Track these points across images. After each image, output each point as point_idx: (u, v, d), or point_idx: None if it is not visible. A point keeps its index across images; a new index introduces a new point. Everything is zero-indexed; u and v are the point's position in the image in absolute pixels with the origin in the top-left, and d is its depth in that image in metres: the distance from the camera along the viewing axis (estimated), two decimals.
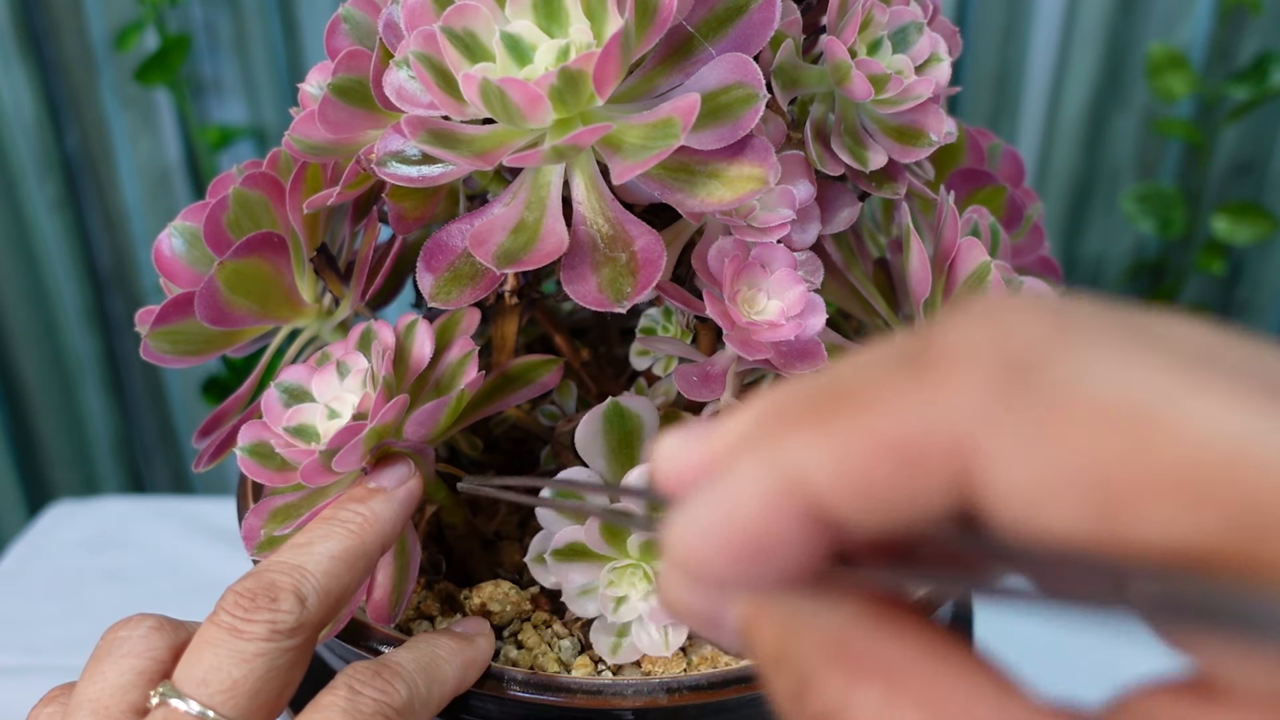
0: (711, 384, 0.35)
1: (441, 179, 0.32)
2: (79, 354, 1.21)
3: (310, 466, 0.34)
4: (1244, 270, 1.19)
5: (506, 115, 0.30)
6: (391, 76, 0.32)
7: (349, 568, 0.32)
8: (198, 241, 0.38)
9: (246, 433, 0.36)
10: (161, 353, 0.38)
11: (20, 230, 1.14)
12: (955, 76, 1.11)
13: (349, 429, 0.33)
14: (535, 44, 0.31)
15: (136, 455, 1.30)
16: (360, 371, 0.35)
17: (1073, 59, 1.10)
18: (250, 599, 0.30)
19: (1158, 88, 1.04)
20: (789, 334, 0.34)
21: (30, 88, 1.08)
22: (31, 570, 0.76)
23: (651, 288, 0.31)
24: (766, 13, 0.32)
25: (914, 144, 0.36)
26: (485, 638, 0.35)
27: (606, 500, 0.36)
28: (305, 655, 0.31)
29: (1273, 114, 1.11)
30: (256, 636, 0.29)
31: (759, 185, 0.31)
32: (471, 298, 0.33)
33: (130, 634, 0.31)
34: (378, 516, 0.33)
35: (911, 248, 0.35)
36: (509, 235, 0.32)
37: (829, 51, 0.34)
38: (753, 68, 0.31)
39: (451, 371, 0.37)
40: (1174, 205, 1.08)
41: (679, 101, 0.30)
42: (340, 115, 0.35)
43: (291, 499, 0.37)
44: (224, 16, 1.10)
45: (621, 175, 0.30)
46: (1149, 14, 1.08)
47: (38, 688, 0.66)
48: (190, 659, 0.29)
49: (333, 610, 0.32)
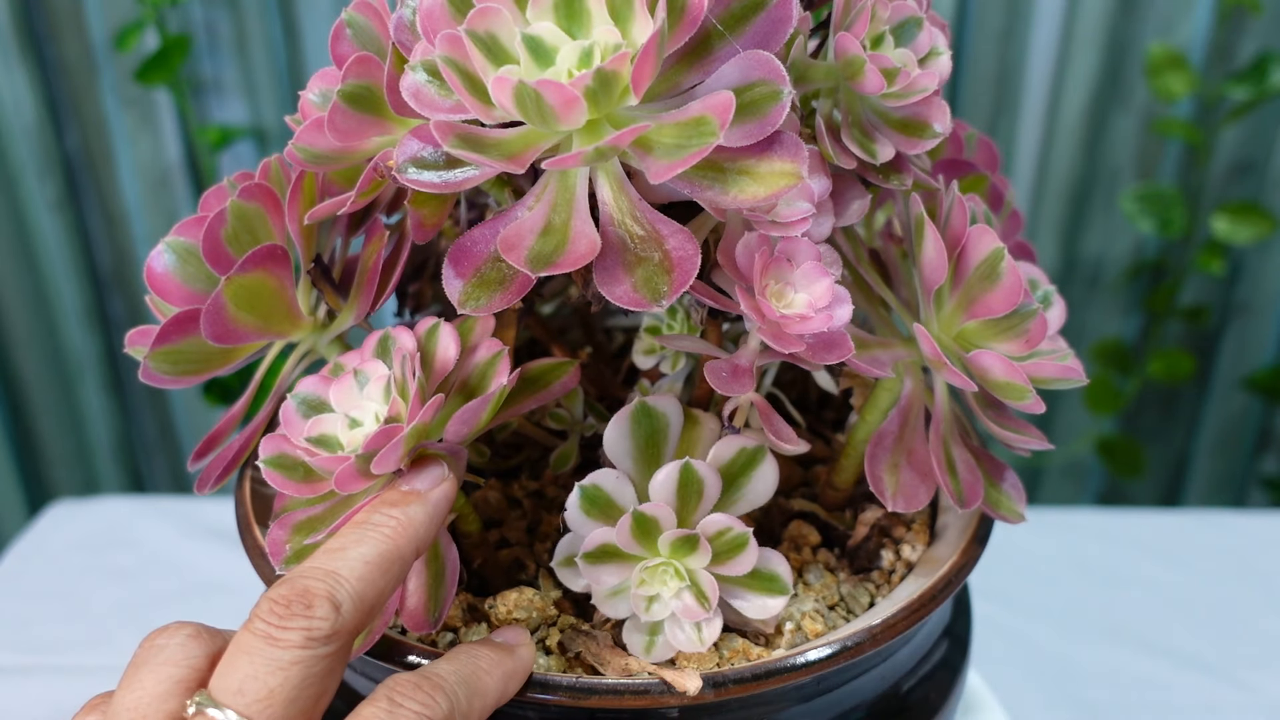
0: (741, 378, 0.35)
1: (465, 184, 0.32)
2: (79, 354, 1.21)
3: (346, 472, 0.33)
4: (1244, 270, 1.19)
5: (540, 117, 0.30)
6: (407, 80, 0.32)
7: (383, 572, 0.31)
8: (191, 257, 0.37)
9: (268, 445, 0.36)
10: (161, 373, 0.37)
11: (20, 230, 1.14)
12: (955, 76, 1.11)
13: (385, 431, 0.33)
14: (557, 46, 0.31)
15: (136, 455, 1.30)
16: (381, 378, 0.35)
17: (1073, 59, 1.10)
18: (285, 606, 0.29)
19: (1157, 88, 1.04)
20: (820, 326, 0.34)
21: (30, 88, 1.08)
22: (31, 570, 0.76)
23: (688, 286, 0.31)
24: (784, 10, 0.32)
25: (919, 136, 0.37)
26: (526, 647, 0.35)
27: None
28: (341, 663, 0.30)
29: (1272, 114, 1.11)
30: (292, 644, 0.29)
31: (794, 180, 0.31)
32: (502, 303, 0.33)
33: (168, 642, 0.31)
34: (412, 520, 0.33)
35: (927, 236, 0.36)
36: (538, 238, 0.32)
37: (840, 47, 0.35)
38: (775, 65, 0.31)
39: (480, 372, 0.36)
40: (1174, 205, 1.08)
41: (710, 100, 0.30)
42: (349, 122, 0.34)
43: (317, 511, 0.36)
44: (224, 16, 1.10)
45: (659, 175, 0.30)
46: (1149, 14, 1.08)
47: (38, 688, 0.66)
48: (226, 667, 0.29)
49: (368, 616, 0.31)
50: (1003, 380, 0.36)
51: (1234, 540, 0.80)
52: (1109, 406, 1.17)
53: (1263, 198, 1.15)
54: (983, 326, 0.37)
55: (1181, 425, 1.29)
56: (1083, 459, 1.29)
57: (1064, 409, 1.27)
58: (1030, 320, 0.36)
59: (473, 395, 0.36)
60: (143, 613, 0.71)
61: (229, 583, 0.72)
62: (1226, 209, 1.08)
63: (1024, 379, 0.35)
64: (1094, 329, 1.22)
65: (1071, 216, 1.17)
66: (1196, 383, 1.26)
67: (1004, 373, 0.36)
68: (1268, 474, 1.29)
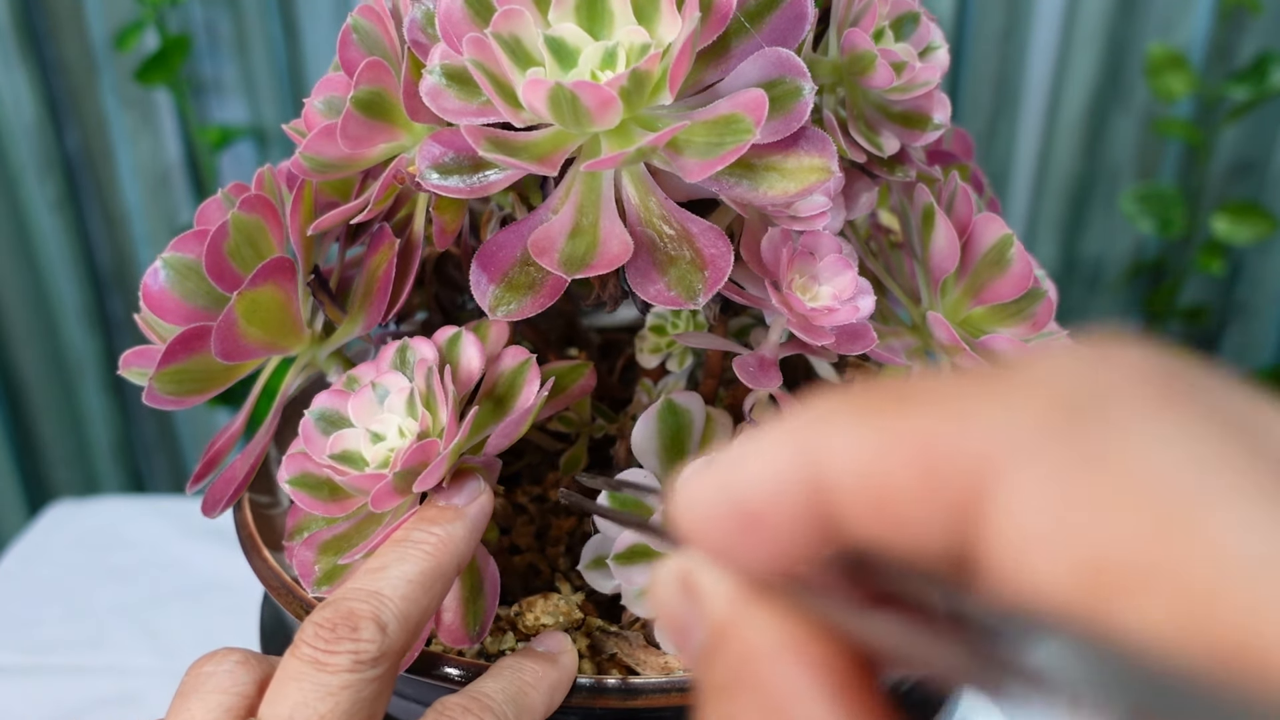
0: (769, 371, 0.36)
1: (491, 188, 0.32)
2: (79, 354, 1.21)
3: (383, 490, 0.32)
4: (1244, 270, 1.19)
5: (574, 119, 0.30)
6: (425, 84, 0.32)
7: (426, 591, 0.31)
8: (191, 273, 0.36)
9: (291, 465, 0.35)
10: (167, 395, 0.35)
11: (20, 230, 1.14)
12: (955, 76, 1.11)
13: (423, 447, 0.32)
14: (579, 47, 0.31)
15: (136, 455, 1.30)
16: (403, 390, 0.34)
17: (1073, 59, 1.10)
18: (330, 629, 0.29)
19: (1157, 88, 1.04)
20: (848, 317, 0.34)
21: (31, 88, 1.08)
22: (31, 570, 0.76)
23: (723, 283, 0.31)
24: (801, 6, 0.32)
25: (921, 128, 0.37)
26: (569, 654, 0.35)
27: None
28: (389, 686, 0.30)
29: (1272, 114, 1.11)
30: (340, 668, 0.28)
31: (825, 176, 0.31)
32: (534, 307, 0.32)
33: (216, 669, 0.30)
34: (452, 536, 0.32)
35: (938, 225, 0.36)
36: (568, 240, 0.32)
37: (850, 42, 0.35)
38: (797, 62, 0.31)
39: (508, 380, 0.36)
40: (1174, 205, 1.08)
41: (740, 98, 0.31)
42: (361, 129, 0.34)
43: (341, 529, 0.35)
44: (224, 16, 1.10)
45: (693, 174, 0.30)
46: (1149, 14, 1.08)
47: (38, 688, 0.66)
48: (275, 695, 0.28)
49: (414, 636, 0.30)
50: None
51: None
52: None
53: (1263, 198, 1.15)
54: (990, 311, 0.38)
55: None
56: None
57: None
58: (1038, 303, 0.37)
59: (502, 404, 0.35)
60: (143, 613, 0.71)
61: (229, 582, 0.72)
62: (1226, 209, 1.08)
63: None
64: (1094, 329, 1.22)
65: (1071, 216, 1.17)
66: None
67: (1016, 355, 0.36)
68: None
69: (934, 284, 0.38)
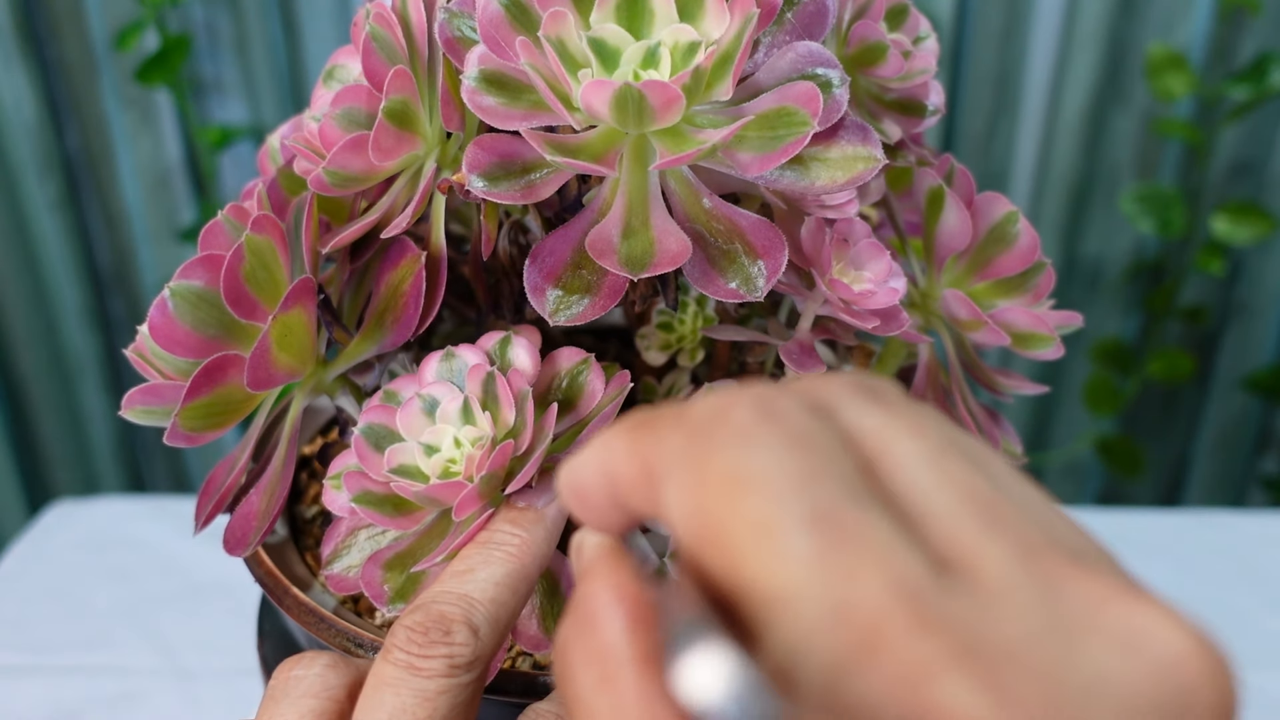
0: (810, 356, 0.36)
1: (543, 191, 0.32)
2: (79, 354, 1.21)
3: (469, 496, 0.32)
4: (1243, 270, 1.19)
5: (637, 118, 0.30)
6: (465, 90, 0.32)
7: (513, 592, 0.31)
8: (201, 302, 0.33)
9: (351, 484, 0.34)
10: (191, 431, 0.33)
11: (20, 230, 1.14)
12: (955, 76, 1.11)
13: (503, 450, 0.32)
14: (621, 47, 0.31)
15: (137, 455, 1.30)
16: (456, 399, 0.33)
17: (1072, 59, 1.10)
18: (423, 634, 0.28)
19: (1157, 88, 1.04)
20: (888, 300, 0.35)
21: (31, 88, 1.08)
22: (31, 570, 0.76)
23: (780, 273, 0.32)
24: (822, 2, 0.33)
25: (918, 115, 0.39)
26: None
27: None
28: (479, 692, 0.29)
29: (1272, 114, 1.11)
30: (436, 673, 0.28)
31: (871, 164, 0.32)
32: (594, 310, 0.32)
33: (306, 673, 0.30)
34: (534, 537, 0.32)
35: (949, 204, 0.37)
36: (623, 241, 0.32)
37: (861, 33, 0.36)
38: (828, 55, 0.32)
39: (570, 380, 0.35)
40: (1173, 205, 1.08)
41: (788, 91, 0.31)
42: (389, 140, 0.33)
43: (406, 544, 0.35)
44: (224, 16, 1.10)
45: (751, 169, 0.31)
46: (1149, 14, 1.08)
47: (38, 688, 0.66)
48: (371, 702, 0.28)
49: (503, 639, 0.30)
50: (1027, 331, 0.38)
51: (1234, 540, 0.80)
52: (1109, 407, 1.17)
53: (1262, 198, 1.15)
54: (994, 286, 0.39)
55: (1181, 425, 1.29)
56: (1082, 459, 1.29)
57: (1063, 409, 1.27)
58: (1040, 275, 0.38)
59: (569, 405, 0.35)
60: (143, 613, 0.71)
61: (229, 583, 0.72)
62: (1226, 209, 1.08)
63: (1049, 328, 0.37)
64: (1094, 329, 1.22)
65: (1071, 216, 1.17)
66: (1196, 383, 1.26)
67: (1029, 324, 0.38)
68: (1267, 474, 1.29)
69: (938, 263, 0.39)
